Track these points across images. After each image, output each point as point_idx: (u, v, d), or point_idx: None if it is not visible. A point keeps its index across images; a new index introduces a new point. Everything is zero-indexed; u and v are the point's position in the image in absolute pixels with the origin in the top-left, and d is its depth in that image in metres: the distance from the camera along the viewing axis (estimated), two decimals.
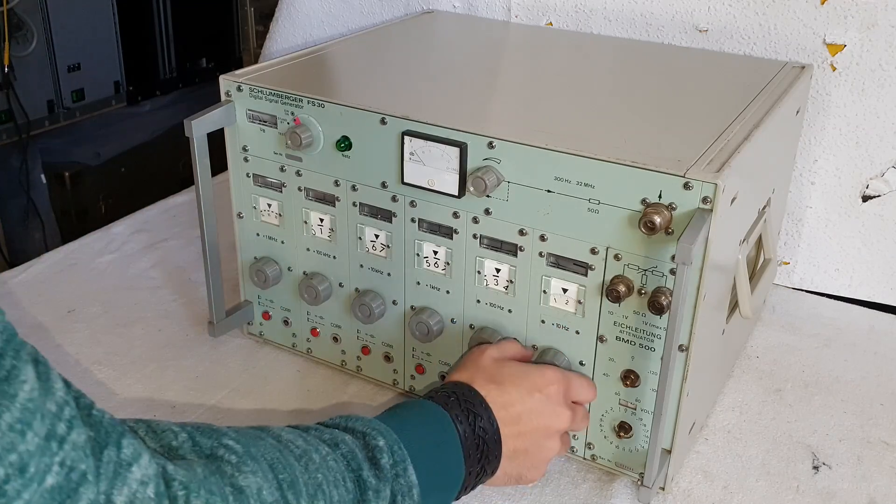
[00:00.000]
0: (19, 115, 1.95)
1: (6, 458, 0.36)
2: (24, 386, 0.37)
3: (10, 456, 0.36)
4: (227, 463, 0.50)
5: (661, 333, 0.65)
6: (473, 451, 0.62)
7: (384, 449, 0.57)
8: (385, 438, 0.58)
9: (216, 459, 0.50)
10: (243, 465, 0.50)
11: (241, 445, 0.52)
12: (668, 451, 0.69)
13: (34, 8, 1.93)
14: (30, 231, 2.07)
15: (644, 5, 1.02)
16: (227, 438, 0.52)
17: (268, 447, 0.53)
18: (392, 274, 0.77)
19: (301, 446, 0.55)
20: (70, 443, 0.40)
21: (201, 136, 0.76)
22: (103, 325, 0.93)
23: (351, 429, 0.59)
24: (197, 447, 0.51)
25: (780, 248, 1.02)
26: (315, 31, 1.29)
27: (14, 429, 0.36)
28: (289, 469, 0.52)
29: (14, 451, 0.36)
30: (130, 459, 0.43)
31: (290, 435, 0.56)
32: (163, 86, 2.30)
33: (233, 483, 0.49)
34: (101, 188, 2.16)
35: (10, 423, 0.36)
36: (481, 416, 0.63)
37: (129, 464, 0.43)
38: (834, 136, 0.96)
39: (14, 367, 0.37)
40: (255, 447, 0.52)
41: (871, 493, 0.73)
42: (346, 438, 0.57)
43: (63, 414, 0.40)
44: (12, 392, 0.36)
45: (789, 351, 0.92)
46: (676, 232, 0.62)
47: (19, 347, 0.38)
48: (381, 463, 0.57)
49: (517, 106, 0.79)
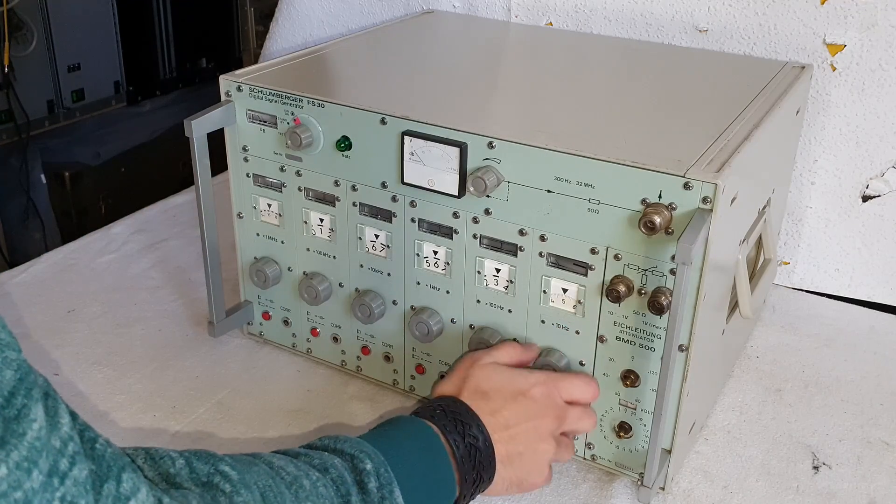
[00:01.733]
0: (19, 115, 1.95)
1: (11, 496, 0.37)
2: (33, 425, 0.38)
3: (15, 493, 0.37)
4: (220, 492, 0.51)
5: (661, 333, 0.65)
6: (467, 460, 0.62)
7: (371, 472, 0.58)
8: (372, 461, 0.58)
9: (211, 488, 0.51)
10: (236, 495, 0.51)
11: (236, 472, 0.52)
12: (668, 451, 0.69)
13: (34, 8, 1.94)
14: (30, 231, 2.07)
15: (644, 5, 1.02)
16: (223, 465, 0.53)
17: (261, 474, 0.54)
18: (392, 274, 0.77)
19: (292, 472, 0.56)
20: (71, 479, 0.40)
21: (201, 136, 0.76)
22: (103, 325, 0.93)
23: (340, 451, 0.60)
24: (194, 474, 0.52)
25: (780, 248, 1.02)
26: (315, 31, 1.29)
27: (21, 467, 0.37)
28: (279, 497, 0.53)
29: (20, 488, 0.37)
30: (129, 494, 0.44)
31: (281, 461, 0.57)
32: (163, 86, 2.31)
33: None
34: (101, 188, 2.16)
35: (17, 462, 0.37)
36: (470, 424, 0.63)
37: (126, 498, 0.44)
38: (834, 136, 0.97)
39: (25, 406, 0.38)
40: (249, 474, 0.53)
41: (871, 493, 0.73)
42: (335, 462, 0.58)
43: (66, 450, 0.41)
44: (21, 431, 0.37)
45: (789, 351, 0.92)
46: (676, 232, 0.62)
47: (31, 386, 0.39)
48: (368, 487, 0.57)
49: (517, 106, 0.79)
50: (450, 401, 0.66)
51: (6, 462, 0.36)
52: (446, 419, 0.63)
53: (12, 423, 0.37)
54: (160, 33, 2.26)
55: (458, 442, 0.62)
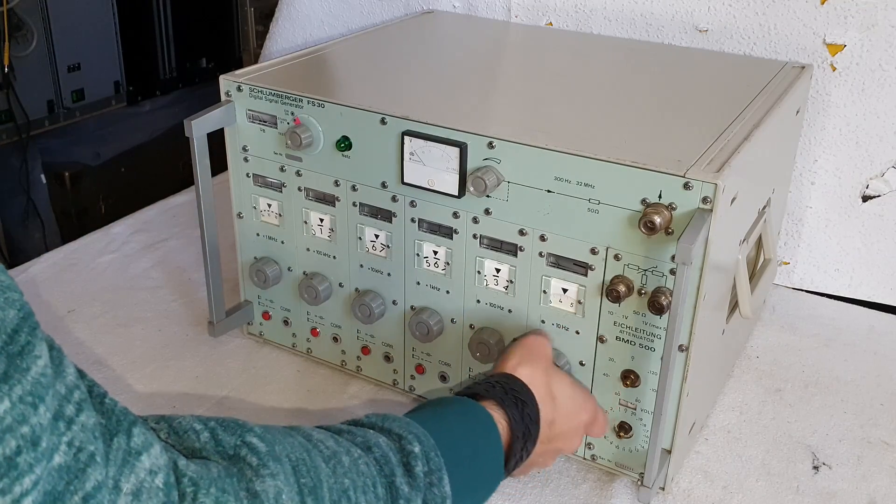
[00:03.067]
0: (19, 115, 1.95)
1: (18, 430, 0.36)
2: (37, 361, 0.37)
3: (22, 428, 0.36)
4: (247, 465, 0.48)
5: (661, 333, 0.65)
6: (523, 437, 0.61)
7: (419, 456, 0.55)
8: (421, 444, 0.56)
9: (237, 461, 0.49)
10: (263, 468, 0.48)
11: (265, 444, 0.50)
12: (668, 451, 0.69)
13: (34, 8, 1.93)
14: (30, 231, 2.07)
15: (644, 5, 1.02)
16: (251, 436, 0.50)
17: (295, 446, 0.51)
18: (392, 274, 0.77)
19: (331, 447, 0.53)
20: (79, 424, 0.39)
21: (201, 136, 0.76)
22: (103, 325, 0.93)
23: (387, 430, 0.57)
24: (220, 447, 0.49)
25: (780, 248, 1.02)
26: (315, 31, 1.29)
27: (25, 401, 0.36)
28: (313, 472, 0.50)
29: (26, 423, 0.36)
30: (140, 448, 0.43)
31: (320, 435, 0.54)
32: (163, 86, 2.30)
33: (249, 488, 0.47)
34: (101, 188, 2.16)
35: (21, 396, 0.36)
36: (527, 402, 0.62)
37: (138, 452, 0.43)
38: (834, 136, 0.96)
39: (29, 343, 0.37)
40: (281, 445, 0.51)
41: (871, 493, 0.73)
42: (380, 441, 0.55)
43: (72, 397, 0.40)
44: (25, 366, 0.36)
45: (789, 351, 0.92)
46: (676, 232, 0.62)
47: (35, 325, 0.38)
48: (415, 471, 0.54)
49: (517, 106, 0.79)
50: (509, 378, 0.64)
51: (9, 396, 0.35)
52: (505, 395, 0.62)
53: (16, 358, 0.36)
54: (160, 33, 2.25)
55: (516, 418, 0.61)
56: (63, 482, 0.38)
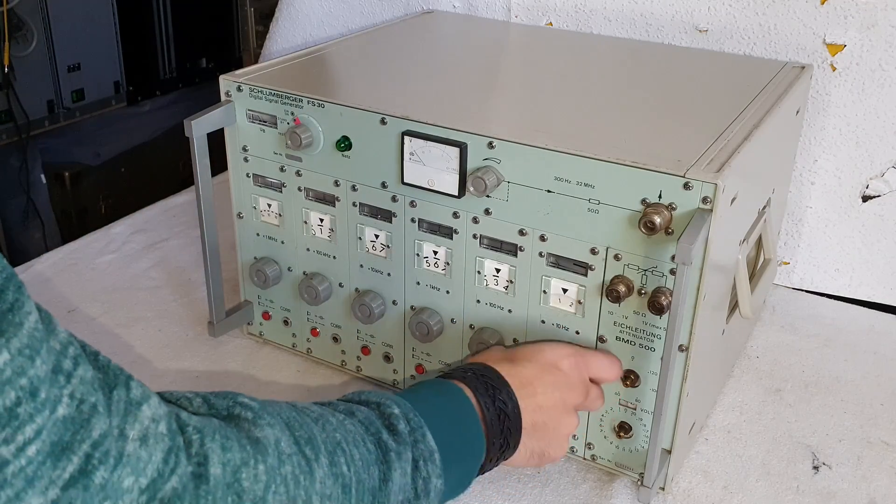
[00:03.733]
0: (19, 115, 1.95)
1: (17, 382, 0.36)
2: (29, 317, 0.37)
3: (20, 380, 0.36)
4: (243, 420, 0.51)
5: (661, 333, 0.65)
6: (496, 424, 0.62)
7: (399, 416, 0.58)
8: (399, 407, 0.59)
9: (233, 418, 0.52)
10: (259, 420, 0.51)
11: (257, 403, 0.53)
12: (668, 451, 0.69)
13: (34, 8, 1.94)
14: (30, 231, 2.07)
15: (644, 5, 1.02)
16: (242, 397, 0.53)
17: (283, 408, 0.55)
18: (392, 274, 0.77)
19: (317, 411, 0.56)
20: (77, 377, 0.40)
21: (201, 136, 0.76)
22: (103, 325, 0.93)
23: (365, 401, 0.60)
24: (213, 410, 0.52)
25: (780, 248, 1.02)
26: (315, 31, 1.29)
27: (23, 353, 0.36)
28: (305, 427, 0.53)
29: (24, 375, 0.36)
30: (140, 399, 0.44)
31: (303, 404, 0.57)
32: (163, 86, 2.31)
33: (249, 435, 0.50)
34: (101, 188, 2.16)
35: (18, 348, 0.36)
36: (500, 389, 0.63)
37: (139, 403, 0.44)
38: (834, 136, 0.97)
39: (17, 300, 0.37)
40: (272, 406, 0.54)
41: (871, 493, 0.73)
42: (360, 409, 0.59)
43: (67, 352, 0.40)
44: (18, 321, 0.36)
45: (789, 351, 0.92)
46: (676, 232, 0.62)
47: (20, 284, 0.38)
48: (398, 428, 0.57)
49: (517, 106, 0.79)
50: (480, 366, 0.65)
51: (7, 348, 0.35)
52: (477, 381, 0.63)
53: (7, 314, 0.36)
54: (160, 33, 2.26)
55: (488, 405, 0.62)
56: (69, 433, 0.39)
